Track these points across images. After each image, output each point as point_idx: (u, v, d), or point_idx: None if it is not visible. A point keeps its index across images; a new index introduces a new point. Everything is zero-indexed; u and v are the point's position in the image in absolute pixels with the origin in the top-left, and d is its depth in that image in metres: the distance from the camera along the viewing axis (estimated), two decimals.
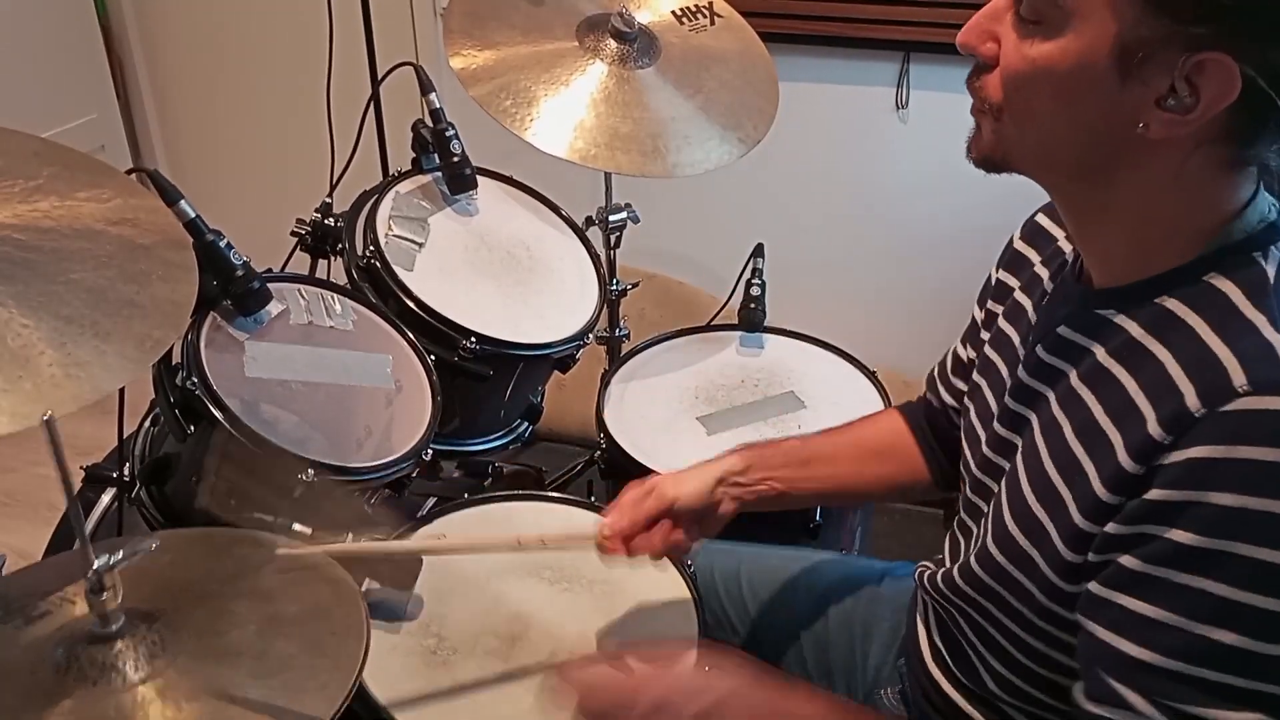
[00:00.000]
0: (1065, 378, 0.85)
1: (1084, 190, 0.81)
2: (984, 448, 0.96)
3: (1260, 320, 0.72)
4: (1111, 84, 0.73)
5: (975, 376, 1.02)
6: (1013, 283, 1.00)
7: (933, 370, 1.17)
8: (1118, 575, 0.75)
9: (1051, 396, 0.86)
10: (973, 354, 1.06)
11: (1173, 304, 0.76)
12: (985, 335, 1.02)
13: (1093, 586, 0.77)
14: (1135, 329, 0.79)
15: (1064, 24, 0.74)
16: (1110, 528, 0.76)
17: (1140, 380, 0.76)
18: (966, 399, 1.03)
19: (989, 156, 0.83)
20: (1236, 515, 0.68)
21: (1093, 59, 0.73)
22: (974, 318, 1.07)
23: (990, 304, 1.03)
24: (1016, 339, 0.95)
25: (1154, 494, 0.72)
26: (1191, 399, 0.71)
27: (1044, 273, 0.96)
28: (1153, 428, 0.73)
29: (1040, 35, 0.75)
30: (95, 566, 0.83)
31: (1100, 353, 0.81)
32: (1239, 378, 0.70)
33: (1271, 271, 0.74)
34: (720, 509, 1.10)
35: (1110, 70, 0.72)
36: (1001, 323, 0.99)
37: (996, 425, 0.94)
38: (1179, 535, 0.71)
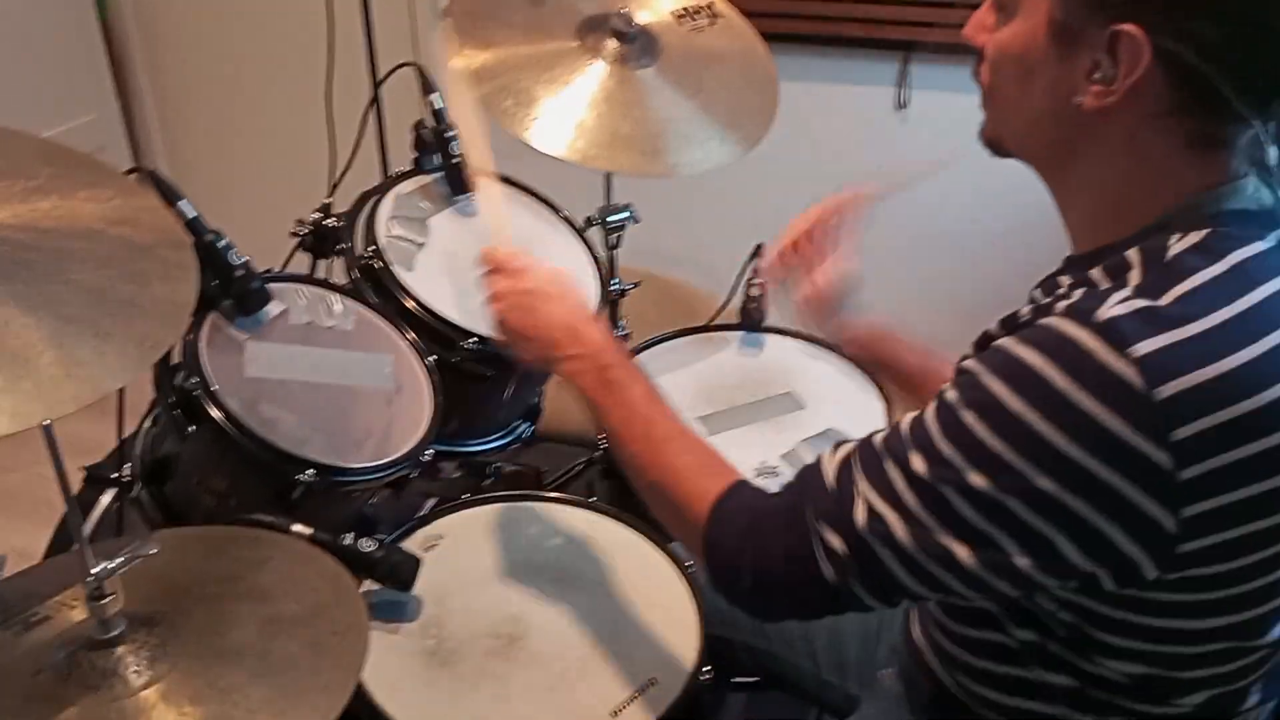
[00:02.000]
0: None
1: (1054, 168, 0.86)
2: None
3: (1133, 279, 0.75)
4: (1052, 61, 0.79)
5: None
6: None
7: None
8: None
9: None
10: None
11: (1095, 273, 0.80)
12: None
13: None
14: (1064, 289, 0.83)
15: (1016, 8, 0.81)
16: None
17: None
18: None
19: (989, 139, 0.90)
20: (977, 387, 0.76)
21: (1035, 39, 0.80)
22: None
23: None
24: None
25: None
26: (1027, 312, 0.80)
27: None
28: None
29: (1004, 20, 0.83)
30: (95, 572, 0.83)
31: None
32: (1065, 304, 0.75)
33: (1176, 248, 0.76)
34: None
35: (1050, 48, 0.79)
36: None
37: None
38: (948, 389, 0.79)
